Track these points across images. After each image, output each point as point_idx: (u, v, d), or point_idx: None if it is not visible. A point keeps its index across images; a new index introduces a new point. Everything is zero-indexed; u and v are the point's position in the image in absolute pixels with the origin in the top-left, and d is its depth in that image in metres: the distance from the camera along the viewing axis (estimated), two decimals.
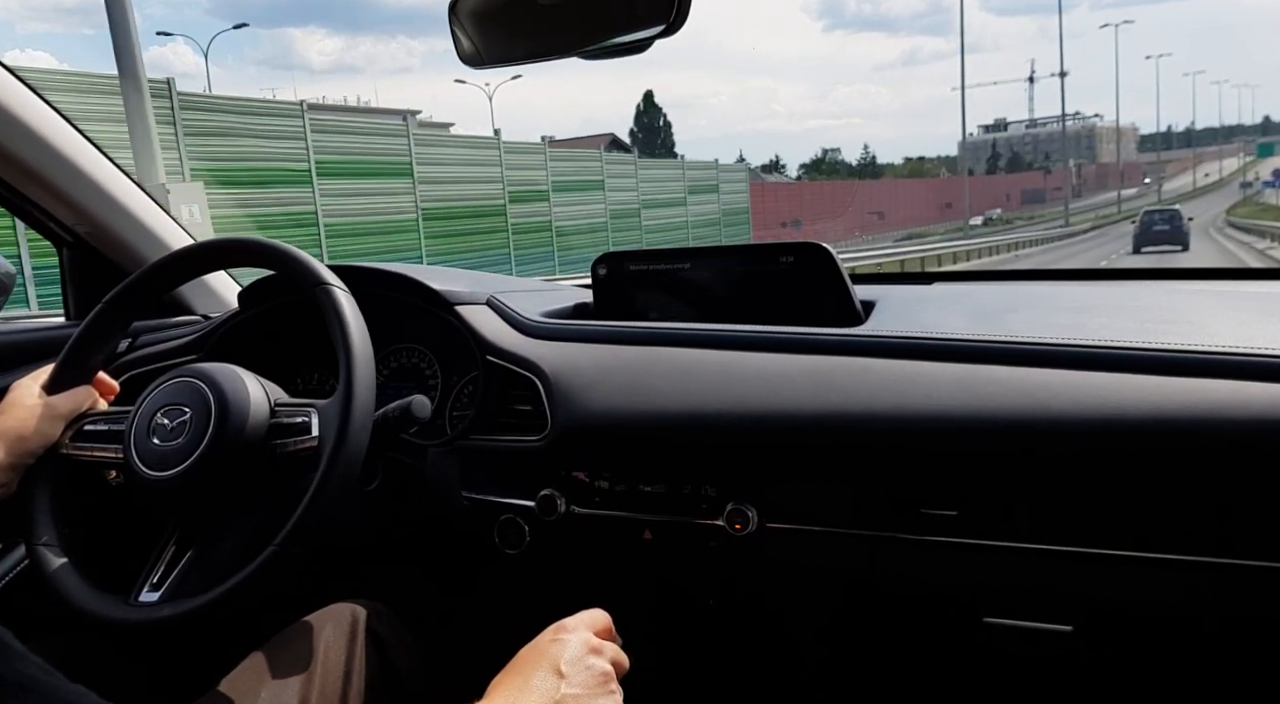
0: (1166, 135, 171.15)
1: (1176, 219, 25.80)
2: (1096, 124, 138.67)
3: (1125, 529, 0.93)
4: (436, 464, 1.23)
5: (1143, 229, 25.97)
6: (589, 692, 0.72)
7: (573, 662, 0.74)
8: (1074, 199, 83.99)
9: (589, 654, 0.75)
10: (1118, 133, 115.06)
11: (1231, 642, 1.00)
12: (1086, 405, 0.93)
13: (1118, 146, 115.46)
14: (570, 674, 0.72)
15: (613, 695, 0.73)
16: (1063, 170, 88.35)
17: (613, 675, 0.75)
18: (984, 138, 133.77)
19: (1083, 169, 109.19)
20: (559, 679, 0.72)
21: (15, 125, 1.31)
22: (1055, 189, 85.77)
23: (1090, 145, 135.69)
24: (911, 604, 1.11)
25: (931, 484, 1.00)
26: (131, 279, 1.13)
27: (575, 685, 0.72)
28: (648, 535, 1.12)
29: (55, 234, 1.49)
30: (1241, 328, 1.02)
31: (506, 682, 0.74)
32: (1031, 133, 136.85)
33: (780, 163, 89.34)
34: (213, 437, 0.96)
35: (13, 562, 1.27)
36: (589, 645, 0.76)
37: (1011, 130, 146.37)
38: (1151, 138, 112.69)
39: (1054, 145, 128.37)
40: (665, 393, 1.11)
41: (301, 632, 1.00)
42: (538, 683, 0.72)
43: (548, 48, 1.05)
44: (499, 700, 0.71)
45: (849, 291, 1.23)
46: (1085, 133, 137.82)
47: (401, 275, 1.33)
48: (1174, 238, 25.18)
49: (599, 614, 0.82)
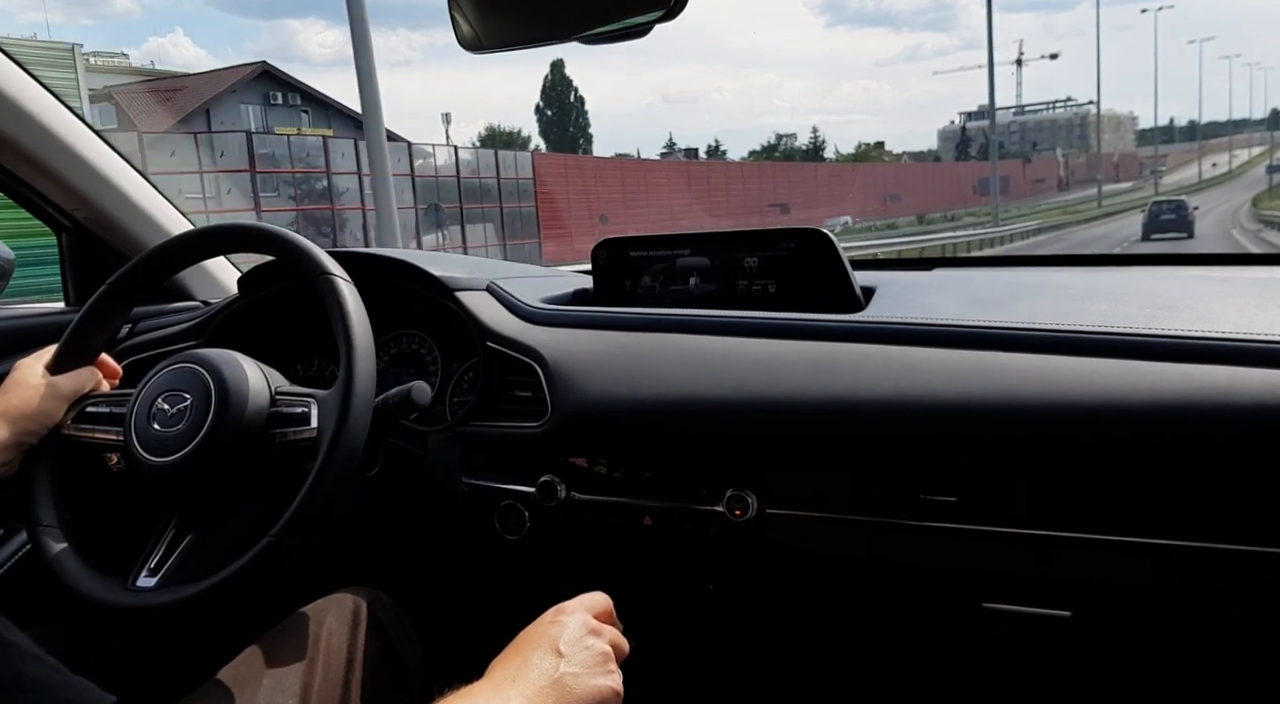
0: (1169, 128, 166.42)
1: (1182, 209, 27.96)
2: (1091, 111, 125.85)
3: (1124, 515, 0.94)
4: (437, 450, 1.24)
5: (1151, 218, 28.13)
6: (588, 671, 0.73)
7: (572, 642, 0.75)
8: (1060, 192, 75.68)
9: (588, 635, 0.76)
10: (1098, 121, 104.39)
11: (1229, 628, 1.01)
12: (1086, 391, 0.94)
13: (1097, 136, 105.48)
14: (569, 654, 0.74)
15: (611, 675, 0.74)
16: (1041, 161, 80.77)
17: (611, 656, 0.76)
18: (972, 126, 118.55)
19: (1070, 160, 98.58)
20: (558, 659, 0.73)
21: (14, 110, 1.30)
22: (1037, 180, 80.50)
23: (1083, 134, 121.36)
24: (910, 589, 1.12)
25: (931, 470, 1.01)
26: (134, 263, 1.13)
27: (574, 665, 0.73)
28: (648, 521, 1.13)
29: (54, 220, 1.49)
30: (1242, 313, 1.02)
31: (506, 661, 0.75)
32: (1019, 120, 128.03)
33: (721, 148, 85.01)
34: (213, 423, 0.96)
35: (11, 549, 1.27)
36: (588, 627, 0.77)
37: (998, 118, 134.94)
38: (1152, 132, 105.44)
39: (1043, 134, 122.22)
40: (665, 379, 1.11)
41: (303, 620, 1.00)
42: (537, 662, 0.73)
43: (547, 32, 1.04)
44: (498, 679, 0.72)
45: (849, 277, 1.23)
46: (1078, 121, 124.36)
47: (401, 261, 1.33)
48: (1180, 226, 27.27)
49: (599, 597, 0.83)
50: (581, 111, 63.91)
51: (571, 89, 63.46)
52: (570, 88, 63.33)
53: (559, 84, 63.50)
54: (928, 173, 65.36)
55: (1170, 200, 30.63)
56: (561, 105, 62.74)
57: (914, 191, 55.40)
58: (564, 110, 62.91)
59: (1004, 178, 64.80)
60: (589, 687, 0.72)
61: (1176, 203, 29.41)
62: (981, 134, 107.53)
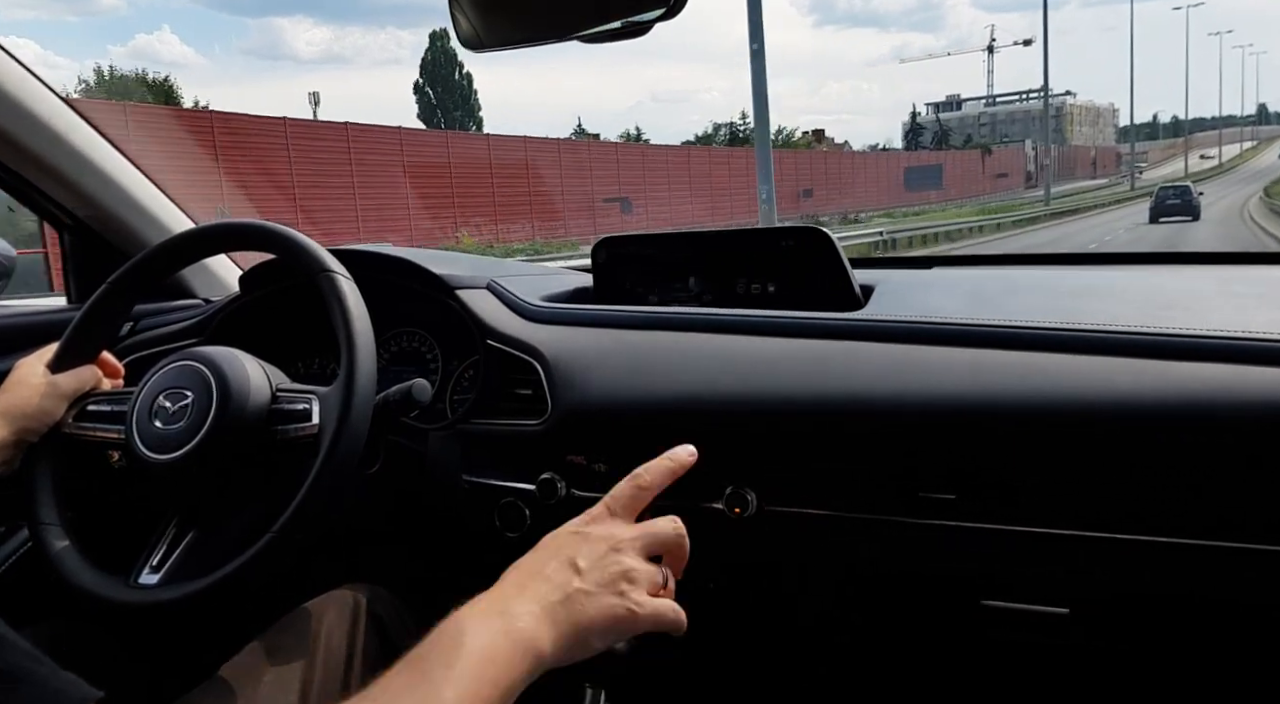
0: (1152, 124, 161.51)
1: (1187, 194, 30.66)
2: (1068, 102, 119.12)
3: (1122, 513, 0.94)
4: (437, 448, 1.24)
5: (1158, 202, 30.77)
6: (603, 589, 0.69)
7: (591, 557, 0.71)
8: (1027, 187, 68.62)
9: (610, 551, 0.72)
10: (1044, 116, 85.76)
11: (1228, 626, 1.01)
12: (1085, 390, 0.94)
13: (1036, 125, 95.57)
14: (587, 569, 0.70)
15: (622, 598, 0.69)
16: (1006, 153, 73.63)
17: (636, 574, 0.71)
18: (926, 118, 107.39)
19: (1039, 152, 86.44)
20: (573, 573, 0.69)
21: (16, 109, 1.30)
22: (1000, 175, 68.76)
23: (1058, 126, 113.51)
24: (910, 587, 1.12)
25: (930, 468, 1.01)
26: (135, 261, 1.13)
27: (589, 581, 0.69)
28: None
29: (56, 218, 1.49)
30: (1241, 312, 1.02)
31: (520, 567, 0.72)
32: (989, 111, 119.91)
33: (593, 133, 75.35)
34: (214, 421, 0.96)
35: (12, 547, 1.27)
36: (613, 540, 0.73)
37: (968, 108, 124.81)
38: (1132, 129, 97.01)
39: (1014, 126, 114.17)
40: (665, 377, 1.12)
41: (303, 617, 1.00)
42: (550, 574, 0.70)
43: (548, 31, 1.05)
44: (507, 588, 0.70)
45: (848, 276, 1.24)
46: (1053, 112, 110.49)
47: (402, 259, 1.33)
48: (1185, 210, 29.80)
49: (631, 492, 0.77)
50: (469, 90, 52.63)
51: (457, 66, 52.35)
52: (455, 64, 52.14)
53: (441, 59, 52.34)
54: (868, 164, 53.17)
55: (1176, 186, 33.14)
56: (446, 84, 51.92)
57: (840, 186, 44.83)
58: (449, 90, 52.10)
59: (928, 167, 54.59)
60: (602, 605, 0.68)
61: (1182, 188, 31.81)
62: (936, 123, 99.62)
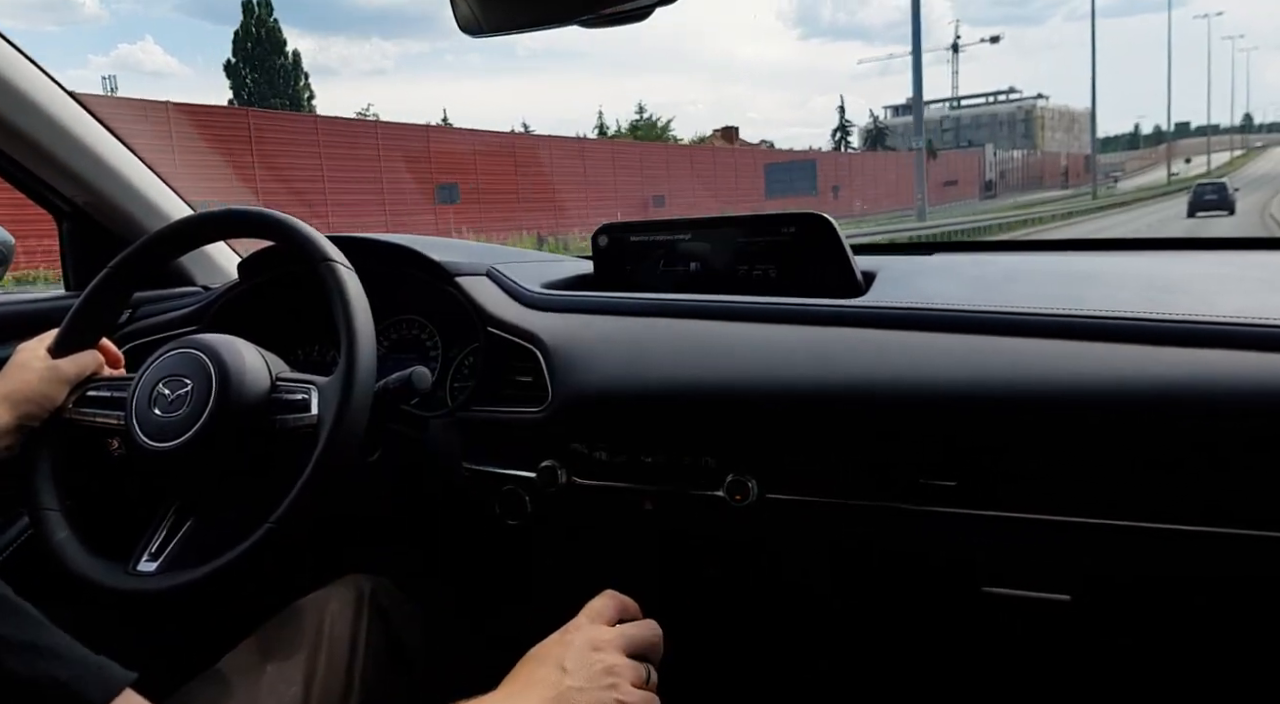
0: (1134, 135, 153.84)
1: (1223, 190, 31.61)
2: (1039, 105, 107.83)
3: (1123, 499, 0.94)
4: (437, 436, 1.24)
5: (1195, 197, 31.39)
6: (591, 684, 0.75)
7: (577, 659, 0.77)
8: (984, 196, 59.51)
9: (592, 651, 0.77)
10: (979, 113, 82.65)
11: (1229, 612, 1.01)
12: (1087, 376, 0.93)
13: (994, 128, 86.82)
14: (573, 669, 0.75)
15: (612, 690, 0.75)
16: (960, 157, 66.19)
17: (618, 670, 0.77)
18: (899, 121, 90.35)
19: (1000, 160, 76.23)
20: (562, 674, 0.75)
21: (15, 96, 1.30)
22: (947, 183, 57.36)
23: (1028, 131, 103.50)
24: (911, 574, 1.12)
25: (931, 455, 1.01)
26: (135, 247, 1.13)
27: (578, 679, 0.75)
28: (648, 506, 1.13)
29: (55, 205, 1.49)
30: (1244, 298, 1.01)
31: (515, 676, 0.77)
32: (954, 115, 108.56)
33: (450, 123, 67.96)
34: (213, 409, 0.96)
35: (13, 533, 1.27)
36: (593, 643, 0.79)
37: (933, 111, 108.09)
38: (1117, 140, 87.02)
39: (980, 132, 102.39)
40: (665, 364, 1.11)
41: (306, 606, 1.00)
42: (542, 677, 0.75)
43: (548, 15, 1.03)
44: (504, 693, 0.75)
45: (850, 262, 1.23)
46: (1022, 116, 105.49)
47: (401, 246, 1.32)
48: (1221, 204, 30.47)
49: (606, 603, 0.84)
50: (296, 75, 43.21)
51: (282, 51, 42.64)
52: (280, 48, 42.49)
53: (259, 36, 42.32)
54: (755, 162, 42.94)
55: (1212, 182, 34.40)
56: (265, 68, 42.20)
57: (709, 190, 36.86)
58: (269, 74, 42.22)
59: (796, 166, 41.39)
60: (592, 699, 0.74)
61: (1219, 184, 32.88)
62: (874, 124, 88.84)
